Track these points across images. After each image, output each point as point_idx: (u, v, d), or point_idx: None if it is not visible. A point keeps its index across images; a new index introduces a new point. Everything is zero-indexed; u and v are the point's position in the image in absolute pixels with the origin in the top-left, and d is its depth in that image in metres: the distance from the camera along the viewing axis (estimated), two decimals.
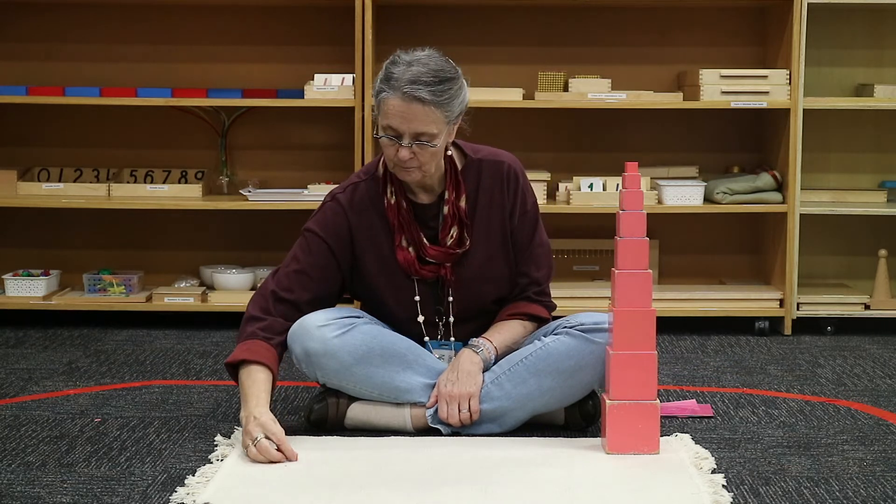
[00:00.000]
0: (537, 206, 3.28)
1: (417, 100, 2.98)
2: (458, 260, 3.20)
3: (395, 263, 3.19)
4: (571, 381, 3.13)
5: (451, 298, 3.22)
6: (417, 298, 3.21)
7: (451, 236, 3.18)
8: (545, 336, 3.18)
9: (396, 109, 3.00)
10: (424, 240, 3.18)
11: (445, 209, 3.18)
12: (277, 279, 3.20)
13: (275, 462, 2.86)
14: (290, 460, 2.88)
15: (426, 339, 3.25)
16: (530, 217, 3.25)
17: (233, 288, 4.68)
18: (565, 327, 3.17)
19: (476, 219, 3.21)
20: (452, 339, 3.26)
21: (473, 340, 3.20)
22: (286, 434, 2.91)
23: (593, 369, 3.12)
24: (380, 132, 3.05)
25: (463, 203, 3.18)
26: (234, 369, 3.11)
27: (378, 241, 3.20)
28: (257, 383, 3.02)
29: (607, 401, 2.96)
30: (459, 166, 3.21)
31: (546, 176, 4.62)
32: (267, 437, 2.89)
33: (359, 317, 3.19)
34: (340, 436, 3.13)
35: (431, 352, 3.24)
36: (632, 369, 2.94)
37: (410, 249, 3.18)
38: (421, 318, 3.22)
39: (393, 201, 3.18)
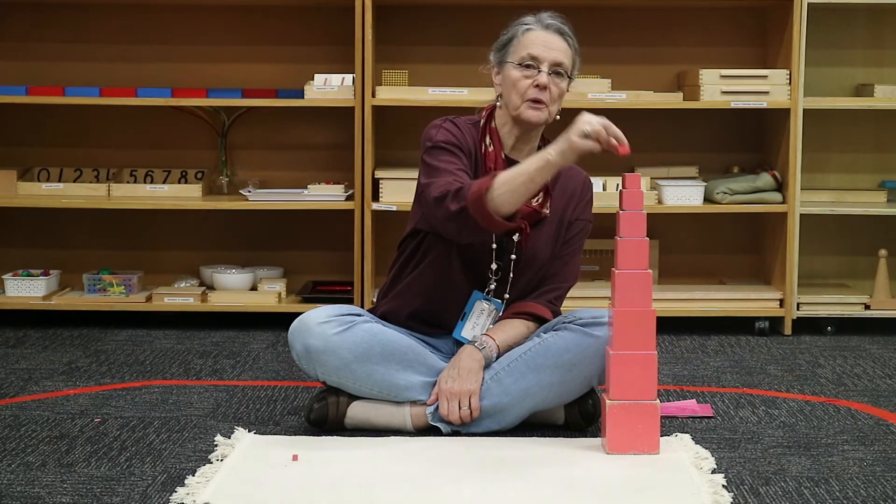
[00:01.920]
0: (591, 226, 3.35)
1: (559, 32, 3.21)
2: (534, 223, 3.22)
3: None
4: (570, 375, 3.14)
5: (513, 256, 3.23)
6: (494, 246, 3.21)
7: (537, 199, 3.23)
8: (544, 333, 3.19)
9: (540, 38, 3.18)
10: None
11: None
12: (437, 185, 3.09)
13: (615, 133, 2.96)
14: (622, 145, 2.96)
15: (492, 282, 3.22)
16: (585, 229, 3.33)
17: (233, 288, 4.68)
18: (564, 322, 3.19)
19: (551, 203, 3.25)
20: (506, 295, 3.24)
21: (476, 337, 3.21)
22: (287, 434, 2.91)
23: (592, 363, 3.12)
24: (514, 66, 3.16)
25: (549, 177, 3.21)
26: (479, 208, 2.98)
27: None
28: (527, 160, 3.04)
29: (607, 401, 2.97)
30: None
31: None
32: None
33: (359, 315, 3.20)
34: (340, 436, 3.13)
35: (474, 304, 3.23)
36: (632, 369, 2.94)
37: None
38: (494, 266, 3.23)
39: (491, 150, 3.23)
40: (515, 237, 3.19)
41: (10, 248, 4.96)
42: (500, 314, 3.26)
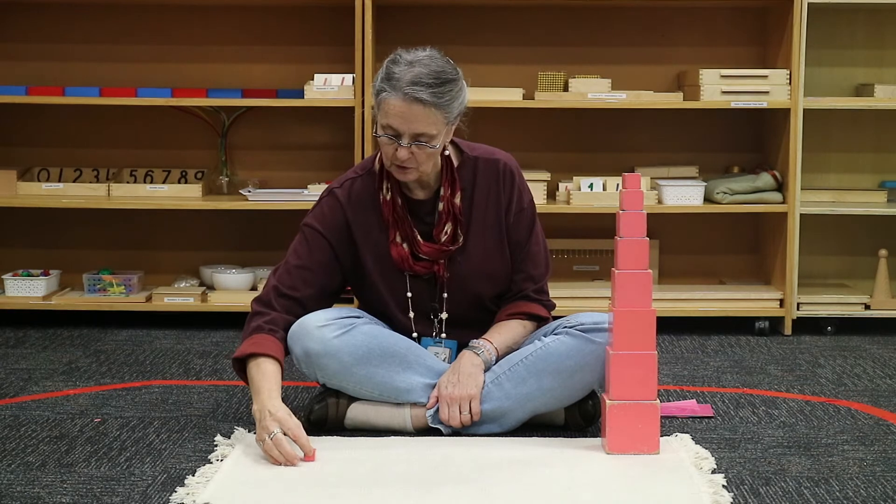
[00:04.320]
0: (534, 204, 3.29)
1: (418, 101, 2.99)
2: (453, 257, 3.21)
3: (390, 259, 3.20)
4: (571, 380, 3.13)
5: (445, 295, 3.22)
6: (409, 294, 3.21)
7: (445, 233, 3.19)
8: (545, 336, 3.19)
9: (397, 109, 3.00)
10: (418, 236, 3.19)
11: (441, 206, 3.19)
12: (279, 276, 3.20)
13: (290, 458, 2.85)
14: (307, 455, 2.88)
15: (414, 334, 3.24)
16: (527, 215, 3.26)
17: (233, 288, 4.68)
18: (565, 327, 3.17)
19: (472, 216, 3.21)
20: (444, 336, 3.26)
21: (474, 342, 3.20)
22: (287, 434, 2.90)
23: (593, 369, 3.11)
24: (379, 131, 3.05)
25: (458, 200, 3.19)
26: (240, 365, 3.11)
27: (374, 237, 3.21)
28: (267, 375, 3.02)
29: (607, 401, 2.96)
30: (456, 163, 3.22)
31: (546, 176, 4.62)
32: (284, 433, 2.88)
33: (358, 317, 3.20)
34: (340, 436, 3.13)
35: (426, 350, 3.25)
36: (632, 369, 2.94)
37: (404, 245, 3.19)
38: (411, 314, 3.23)
39: (388, 197, 3.19)
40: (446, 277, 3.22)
41: (10, 248, 4.96)
42: (454, 354, 3.25)
